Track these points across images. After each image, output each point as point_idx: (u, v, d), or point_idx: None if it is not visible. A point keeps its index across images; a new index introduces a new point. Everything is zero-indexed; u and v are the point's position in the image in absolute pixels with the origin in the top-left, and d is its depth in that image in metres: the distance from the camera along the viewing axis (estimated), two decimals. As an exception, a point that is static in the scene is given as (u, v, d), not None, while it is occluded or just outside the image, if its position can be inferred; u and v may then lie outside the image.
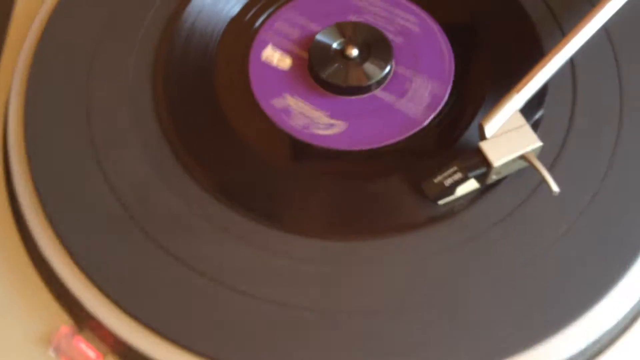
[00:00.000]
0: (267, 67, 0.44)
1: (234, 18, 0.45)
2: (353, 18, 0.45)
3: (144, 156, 0.40)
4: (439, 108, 0.41)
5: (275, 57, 0.44)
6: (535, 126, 0.39)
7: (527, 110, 0.39)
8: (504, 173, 0.38)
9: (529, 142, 0.37)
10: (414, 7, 0.45)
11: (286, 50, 0.44)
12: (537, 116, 0.40)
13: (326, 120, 0.41)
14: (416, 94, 0.42)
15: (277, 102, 0.42)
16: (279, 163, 0.41)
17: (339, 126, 0.41)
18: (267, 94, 0.43)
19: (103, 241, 0.37)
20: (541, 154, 0.38)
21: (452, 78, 0.42)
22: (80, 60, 0.43)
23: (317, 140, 0.41)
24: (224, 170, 0.40)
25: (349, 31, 0.43)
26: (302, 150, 0.41)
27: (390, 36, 0.43)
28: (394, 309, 0.35)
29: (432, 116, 0.41)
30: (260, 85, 0.43)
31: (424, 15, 0.45)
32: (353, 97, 0.42)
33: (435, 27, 0.44)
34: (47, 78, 0.42)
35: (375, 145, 0.41)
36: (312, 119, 0.42)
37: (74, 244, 0.37)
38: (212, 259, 0.37)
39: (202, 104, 0.43)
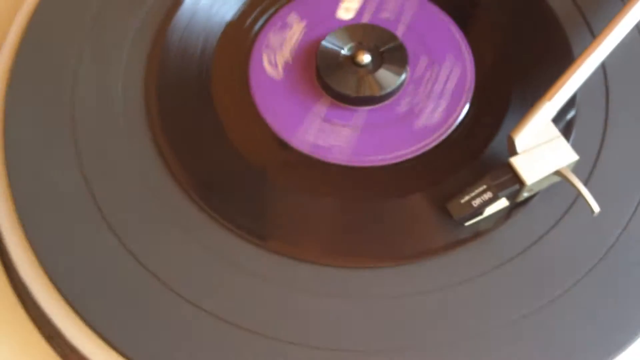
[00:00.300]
0: (270, 73, 0.40)
1: (230, 22, 0.42)
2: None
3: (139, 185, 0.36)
4: (460, 118, 0.38)
5: (279, 62, 0.40)
6: (566, 136, 0.36)
7: (556, 119, 0.35)
8: (535, 189, 0.34)
9: (565, 156, 0.33)
10: (433, 7, 0.41)
11: (290, 55, 0.40)
12: (567, 123, 0.37)
13: (336, 131, 0.38)
14: (434, 103, 0.38)
15: (283, 114, 0.39)
16: (284, 181, 0.37)
17: (350, 139, 0.38)
18: (271, 104, 0.39)
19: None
20: (575, 167, 0.34)
21: (473, 84, 0.39)
22: (63, 71, 0.39)
23: (326, 154, 0.37)
24: (228, 194, 0.36)
25: (359, 35, 0.40)
26: (310, 166, 0.37)
27: (401, 36, 0.40)
28: (412, 348, 0.32)
29: (452, 128, 0.38)
30: (262, 95, 0.39)
31: (442, 15, 0.41)
32: (365, 107, 0.38)
33: (454, 30, 0.41)
34: (28, 94, 0.38)
35: (387, 161, 0.37)
36: (321, 130, 0.38)
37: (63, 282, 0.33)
38: (218, 296, 0.33)
39: (199, 115, 0.39)
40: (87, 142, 0.37)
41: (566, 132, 0.36)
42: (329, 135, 0.38)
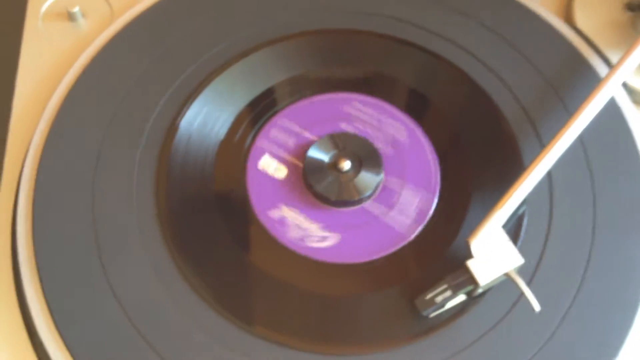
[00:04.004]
0: (264, 176, 0.46)
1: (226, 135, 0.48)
2: (344, 125, 0.48)
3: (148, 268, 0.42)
4: (426, 221, 0.44)
5: (271, 166, 0.46)
6: (514, 238, 0.42)
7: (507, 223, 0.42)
8: (489, 286, 0.40)
9: (512, 260, 0.39)
10: (402, 116, 0.48)
11: (282, 159, 0.47)
12: (516, 226, 0.43)
13: (320, 232, 0.44)
14: (404, 206, 0.45)
15: (274, 213, 0.45)
16: (275, 274, 0.43)
17: (332, 239, 0.44)
18: (264, 204, 0.45)
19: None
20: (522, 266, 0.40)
21: (438, 189, 0.45)
22: (84, 172, 0.45)
23: (311, 252, 0.43)
24: (224, 282, 0.42)
25: (341, 143, 0.46)
26: (298, 263, 0.43)
27: (379, 145, 0.46)
28: None
29: (419, 229, 0.44)
30: (258, 196, 0.45)
31: (412, 125, 0.47)
32: (345, 209, 0.45)
33: (422, 138, 0.47)
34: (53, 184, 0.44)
35: (364, 259, 0.43)
36: (306, 230, 0.44)
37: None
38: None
39: (201, 214, 0.45)
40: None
41: (515, 233, 0.42)
42: (312, 236, 0.44)
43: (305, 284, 0.42)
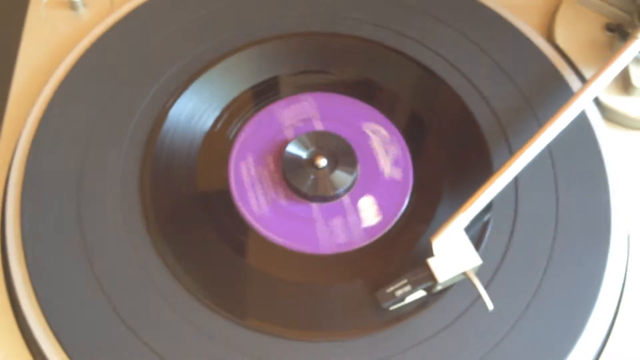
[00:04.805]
0: (246, 172, 0.48)
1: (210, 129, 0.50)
2: (321, 124, 0.50)
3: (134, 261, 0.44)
4: (396, 219, 0.46)
5: (252, 165, 0.48)
6: (480, 238, 0.44)
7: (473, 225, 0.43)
8: (448, 284, 0.42)
9: (471, 260, 0.41)
10: (383, 119, 0.50)
11: (262, 155, 0.49)
12: (482, 229, 0.45)
13: (299, 225, 0.46)
14: (377, 202, 0.47)
15: (255, 206, 0.47)
16: (253, 264, 0.45)
17: (310, 231, 0.46)
18: (246, 198, 0.47)
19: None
20: (483, 267, 0.42)
21: (410, 189, 0.47)
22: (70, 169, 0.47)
23: (291, 244, 0.45)
24: (207, 274, 0.44)
25: (317, 140, 0.48)
26: (277, 254, 0.45)
27: (356, 144, 0.48)
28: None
29: (388, 227, 0.46)
30: (239, 191, 0.47)
31: (390, 126, 0.49)
32: (323, 204, 0.47)
33: (400, 140, 0.49)
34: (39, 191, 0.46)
35: (338, 251, 0.45)
36: (286, 223, 0.46)
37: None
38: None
39: (186, 208, 0.47)
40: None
41: (480, 236, 0.44)
42: (293, 227, 0.46)
43: (282, 273, 0.44)
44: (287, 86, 0.51)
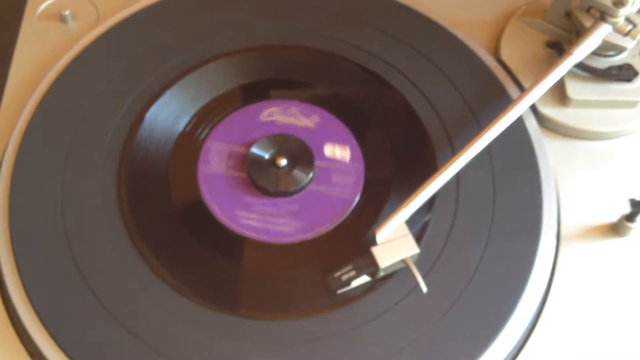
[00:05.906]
0: (215, 172, 0.53)
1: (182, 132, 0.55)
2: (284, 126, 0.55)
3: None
4: (347, 214, 0.51)
5: (221, 162, 0.53)
6: (423, 230, 0.49)
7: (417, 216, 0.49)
8: (391, 271, 0.47)
9: (410, 249, 0.46)
10: (341, 124, 0.55)
11: (228, 156, 0.54)
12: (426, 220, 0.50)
13: (258, 217, 0.51)
14: (332, 195, 0.52)
15: (223, 204, 0.52)
16: (224, 255, 0.50)
17: (275, 224, 0.51)
18: (215, 195, 0.52)
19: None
20: (423, 256, 0.47)
21: (361, 187, 0.52)
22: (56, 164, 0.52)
23: (257, 236, 0.51)
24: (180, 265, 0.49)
25: (278, 142, 0.53)
26: (246, 246, 0.50)
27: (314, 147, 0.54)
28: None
29: (340, 220, 0.51)
30: (209, 189, 0.52)
31: (346, 132, 0.55)
32: (285, 198, 0.52)
33: (355, 145, 0.54)
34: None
35: (298, 240, 0.50)
36: (250, 217, 0.51)
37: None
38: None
39: (160, 206, 0.52)
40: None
41: (423, 230, 0.49)
42: (258, 220, 0.51)
43: (250, 263, 0.50)
44: (249, 94, 0.57)
